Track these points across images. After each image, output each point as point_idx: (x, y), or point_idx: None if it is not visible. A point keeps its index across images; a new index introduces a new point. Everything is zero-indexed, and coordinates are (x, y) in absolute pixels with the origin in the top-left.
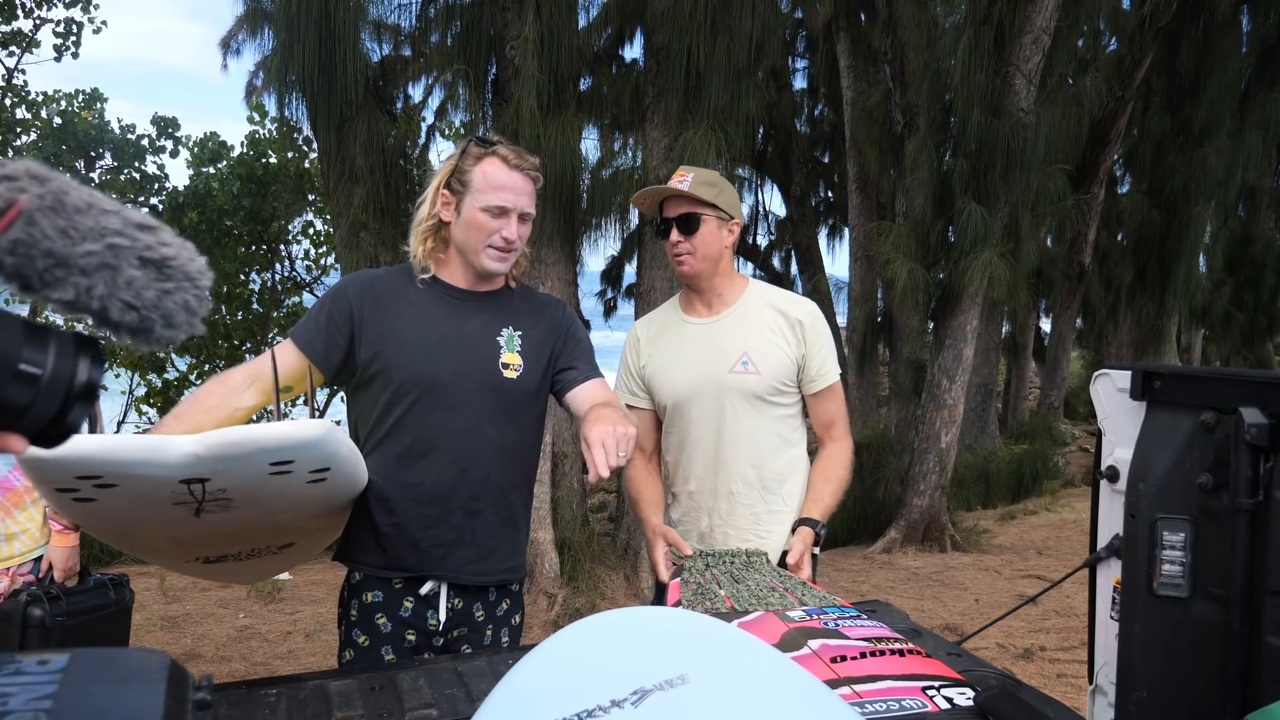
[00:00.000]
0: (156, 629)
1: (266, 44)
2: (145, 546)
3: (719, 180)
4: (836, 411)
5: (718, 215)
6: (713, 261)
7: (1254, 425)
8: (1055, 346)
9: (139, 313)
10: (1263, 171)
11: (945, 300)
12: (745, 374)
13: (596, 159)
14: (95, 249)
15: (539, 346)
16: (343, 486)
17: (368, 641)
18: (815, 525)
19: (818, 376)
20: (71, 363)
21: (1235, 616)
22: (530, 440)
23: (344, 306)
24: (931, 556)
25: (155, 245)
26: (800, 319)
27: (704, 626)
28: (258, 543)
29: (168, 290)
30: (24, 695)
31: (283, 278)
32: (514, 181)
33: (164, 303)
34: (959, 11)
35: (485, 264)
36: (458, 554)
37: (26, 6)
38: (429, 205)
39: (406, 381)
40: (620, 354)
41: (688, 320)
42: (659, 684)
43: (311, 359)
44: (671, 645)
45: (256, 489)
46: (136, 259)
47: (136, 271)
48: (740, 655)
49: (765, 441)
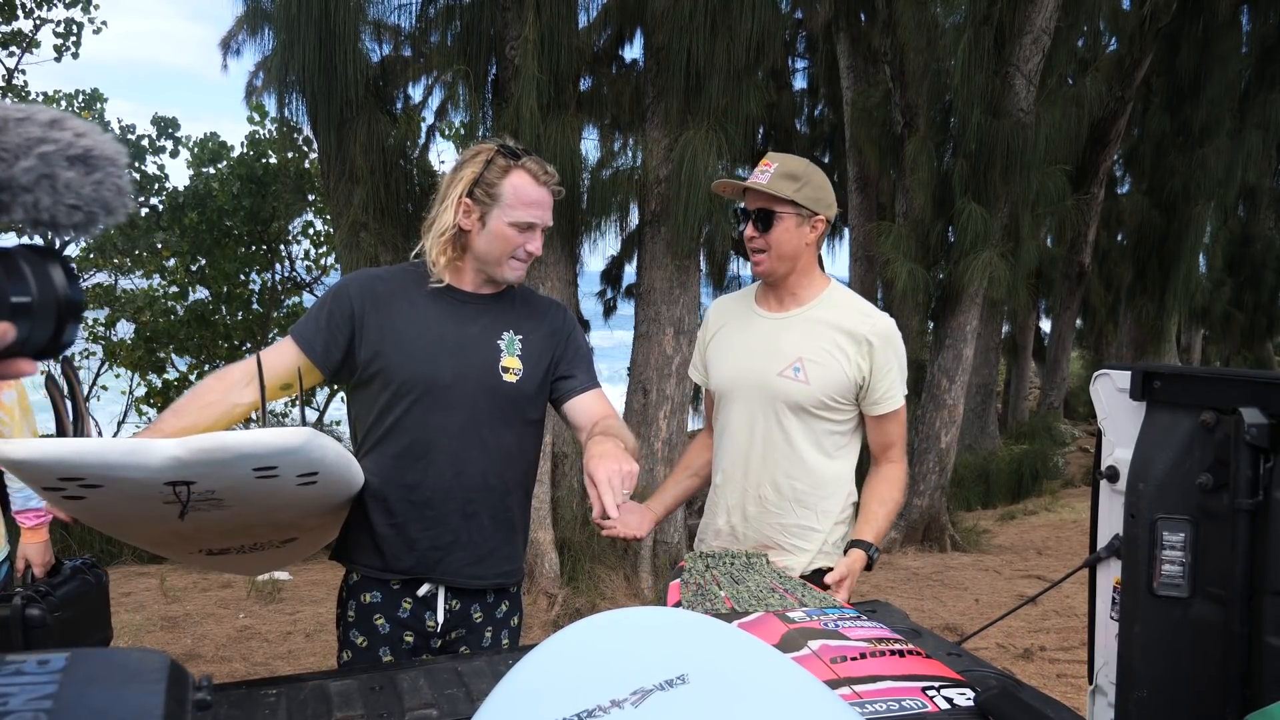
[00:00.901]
0: (156, 629)
1: (266, 44)
2: (145, 538)
3: (805, 171)
4: (896, 434)
5: (797, 212)
6: (789, 260)
7: (1254, 425)
8: (1055, 346)
9: (82, 210)
10: (1263, 171)
11: (945, 300)
12: (794, 381)
13: (596, 159)
14: (30, 164)
15: (539, 351)
16: (335, 488)
17: (366, 642)
18: (869, 549)
19: (882, 400)
20: (49, 280)
21: (1235, 616)
22: (528, 444)
23: (345, 305)
24: (931, 557)
25: (74, 140)
26: (870, 338)
27: (704, 626)
28: (259, 538)
29: (99, 181)
30: (24, 695)
31: (283, 278)
32: (542, 197)
33: (100, 193)
34: (959, 11)
35: (507, 275)
36: (454, 556)
37: (26, 6)
38: (451, 213)
39: (406, 382)
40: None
41: (757, 310)
42: (659, 684)
43: (311, 357)
44: (671, 645)
45: (245, 490)
46: (64, 160)
47: (69, 173)
48: (740, 655)
49: (804, 453)
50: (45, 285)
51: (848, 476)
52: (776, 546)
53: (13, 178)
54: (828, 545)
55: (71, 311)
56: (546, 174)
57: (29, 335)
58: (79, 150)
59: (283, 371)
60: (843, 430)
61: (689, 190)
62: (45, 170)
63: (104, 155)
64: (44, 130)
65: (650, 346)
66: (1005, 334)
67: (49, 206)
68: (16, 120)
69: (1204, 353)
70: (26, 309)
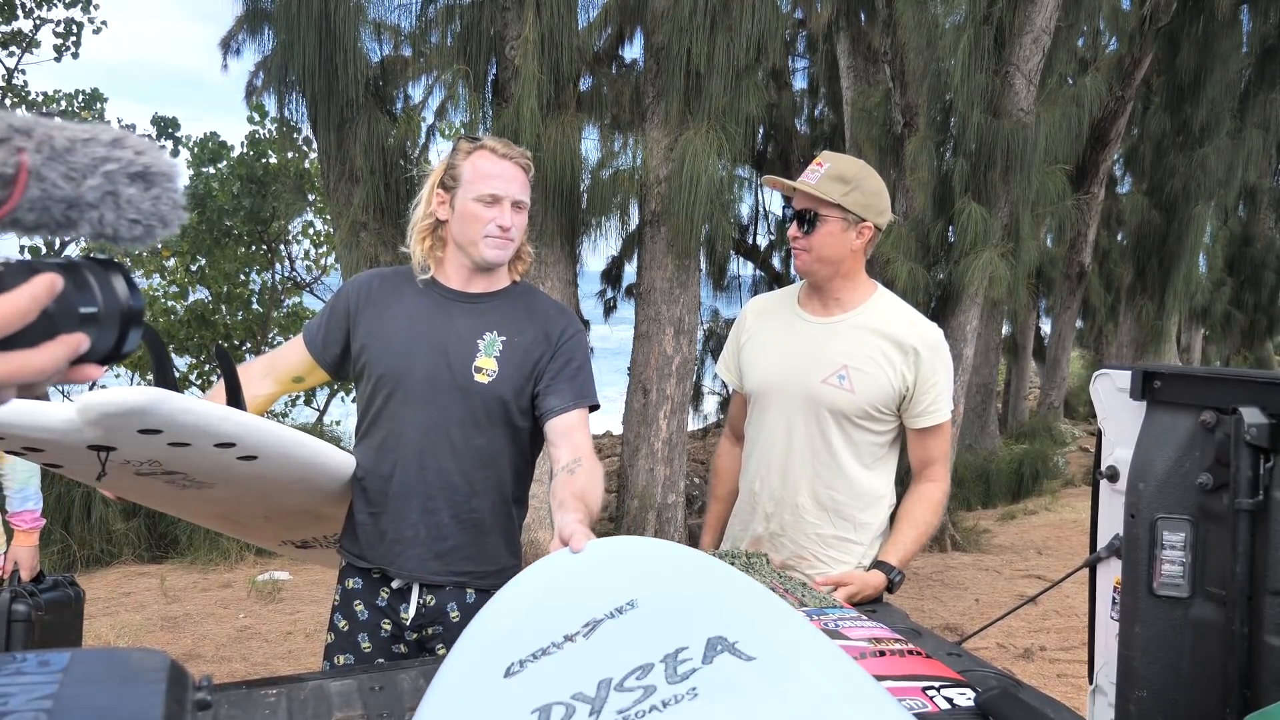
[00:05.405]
0: (156, 629)
1: (266, 44)
2: (191, 515)
3: (857, 175)
4: (939, 450)
5: (844, 216)
6: (831, 265)
7: (1254, 425)
8: (1055, 346)
9: (142, 224)
10: (1263, 171)
11: (945, 300)
12: (838, 389)
13: (596, 159)
14: (96, 183)
15: (521, 355)
16: (286, 468)
17: (347, 626)
18: (891, 573)
19: (925, 413)
20: (113, 290)
21: (1235, 616)
22: (502, 448)
23: (344, 303)
24: (931, 556)
25: (135, 159)
26: (917, 347)
27: (651, 550)
28: (298, 529)
29: (157, 196)
30: (24, 695)
31: (283, 278)
32: (503, 170)
33: (158, 208)
34: (959, 11)
35: (485, 254)
36: (413, 550)
37: (26, 6)
38: (425, 205)
39: (383, 376)
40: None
41: (799, 313)
42: (609, 613)
43: (312, 352)
44: (620, 574)
45: (195, 462)
46: (126, 177)
47: (130, 189)
48: (687, 574)
49: (844, 463)
50: (110, 296)
51: (885, 489)
52: (811, 558)
53: (81, 196)
54: (865, 562)
55: (133, 320)
56: (508, 148)
57: (96, 343)
58: (139, 167)
59: (295, 365)
60: (882, 441)
61: (689, 190)
62: (109, 188)
63: (161, 171)
64: (108, 150)
65: (650, 346)
66: (1005, 334)
67: (112, 221)
68: (83, 141)
69: (1204, 353)
70: (94, 318)
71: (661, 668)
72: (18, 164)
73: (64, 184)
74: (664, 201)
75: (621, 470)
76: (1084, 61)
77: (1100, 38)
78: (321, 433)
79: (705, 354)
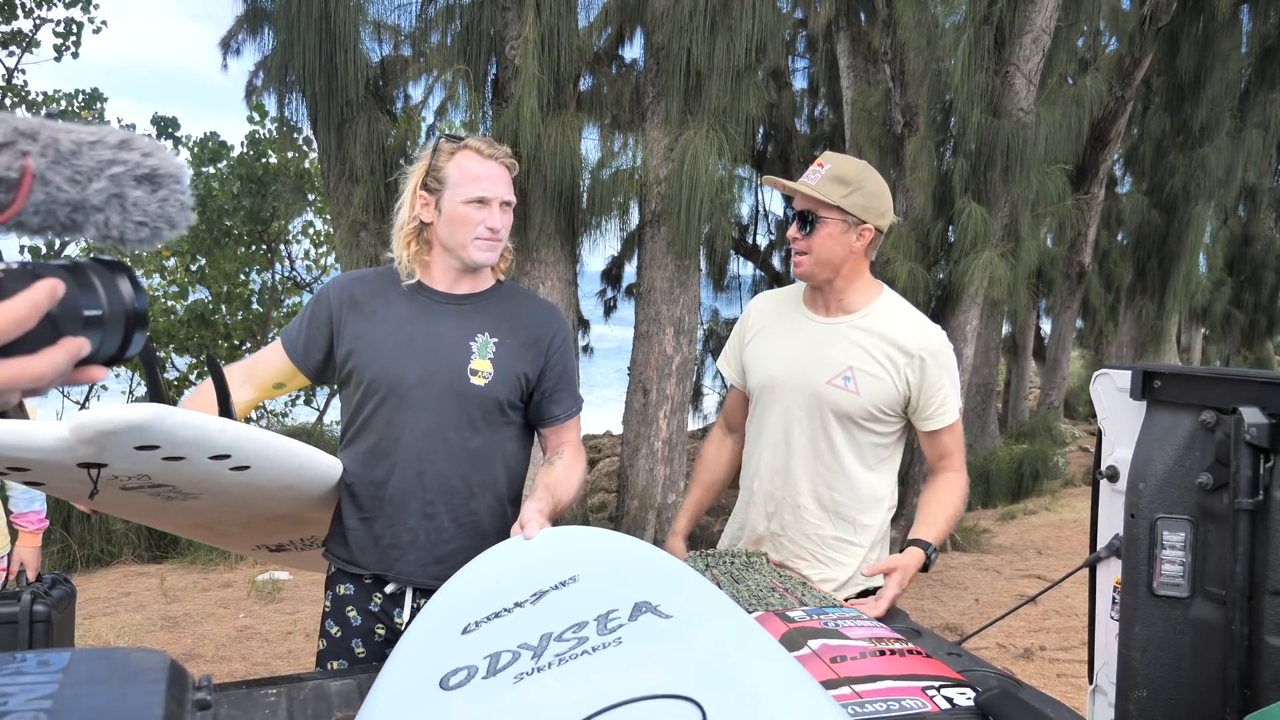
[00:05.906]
0: (156, 629)
1: (266, 44)
2: (172, 526)
3: (858, 176)
4: (953, 444)
5: (844, 218)
6: (831, 267)
7: (1254, 425)
8: (1055, 346)
9: (148, 226)
10: (1263, 171)
11: (945, 300)
12: (844, 390)
13: (596, 159)
14: (102, 186)
15: (514, 356)
16: (276, 476)
17: (339, 632)
18: (927, 548)
19: (934, 416)
20: (118, 292)
21: (1235, 616)
22: (498, 450)
23: (324, 308)
24: None
25: (142, 161)
26: (922, 354)
27: (596, 537)
28: (276, 534)
29: (164, 198)
30: (24, 695)
31: (283, 278)
32: (490, 171)
33: (165, 210)
34: (959, 11)
35: (475, 256)
36: (412, 555)
37: (26, 6)
38: (408, 209)
39: (374, 381)
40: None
41: (804, 313)
42: (554, 585)
43: (293, 358)
44: (567, 555)
45: (186, 476)
46: (132, 180)
47: (137, 191)
48: (624, 555)
49: (846, 464)
50: (115, 297)
51: (886, 492)
52: (810, 558)
53: (86, 199)
54: (865, 563)
55: (138, 322)
56: (492, 148)
57: (100, 345)
58: (146, 170)
59: (275, 371)
60: (885, 442)
61: (689, 190)
62: (115, 190)
63: (168, 173)
64: (114, 152)
65: (650, 346)
66: (1005, 334)
67: (118, 224)
68: (89, 144)
69: (1204, 353)
70: (99, 321)
71: (595, 624)
72: (22, 168)
73: (69, 187)
74: (664, 201)
75: (621, 470)
76: (1084, 61)
77: (1100, 38)
78: (321, 433)
79: (705, 354)
